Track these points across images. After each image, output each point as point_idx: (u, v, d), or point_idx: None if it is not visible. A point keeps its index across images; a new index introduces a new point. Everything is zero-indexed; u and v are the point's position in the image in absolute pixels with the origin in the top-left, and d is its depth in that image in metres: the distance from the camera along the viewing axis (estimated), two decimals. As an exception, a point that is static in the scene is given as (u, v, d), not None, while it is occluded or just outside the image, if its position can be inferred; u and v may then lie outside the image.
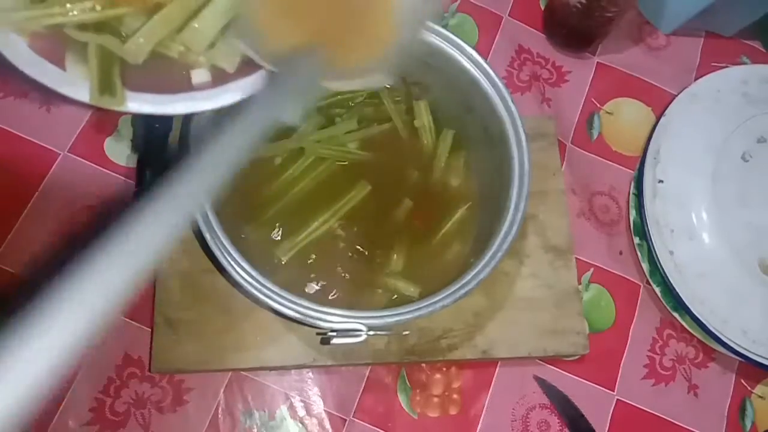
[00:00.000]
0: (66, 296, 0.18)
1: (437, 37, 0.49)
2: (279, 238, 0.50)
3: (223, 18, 0.38)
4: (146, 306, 0.50)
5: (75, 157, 0.53)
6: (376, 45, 0.35)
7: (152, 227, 0.22)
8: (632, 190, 0.58)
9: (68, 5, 0.37)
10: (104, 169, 0.53)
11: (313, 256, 0.50)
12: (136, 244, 0.21)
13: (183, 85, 0.39)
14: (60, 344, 0.17)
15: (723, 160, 0.54)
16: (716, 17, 0.62)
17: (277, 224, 0.51)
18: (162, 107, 0.38)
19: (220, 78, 0.39)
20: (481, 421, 0.51)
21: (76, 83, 0.37)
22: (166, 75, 0.39)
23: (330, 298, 0.49)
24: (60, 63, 0.37)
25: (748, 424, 0.55)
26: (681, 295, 0.52)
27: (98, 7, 0.37)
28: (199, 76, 0.39)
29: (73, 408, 0.47)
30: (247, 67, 0.39)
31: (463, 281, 0.44)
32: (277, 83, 0.33)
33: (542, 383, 0.53)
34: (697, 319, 0.52)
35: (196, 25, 0.38)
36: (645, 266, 0.55)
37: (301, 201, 0.52)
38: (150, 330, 0.49)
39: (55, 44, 0.38)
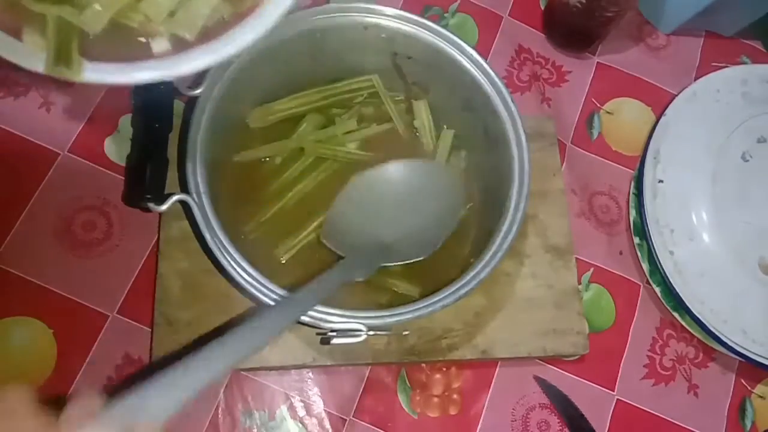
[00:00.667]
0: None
1: (437, 37, 0.49)
2: (279, 237, 0.50)
3: None
4: (146, 306, 0.50)
5: (75, 157, 0.53)
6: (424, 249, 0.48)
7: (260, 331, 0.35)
8: (632, 189, 0.58)
9: None
10: (104, 169, 0.53)
11: (316, 257, 0.50)
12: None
13: (144, 55, 0.38)
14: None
15: (723, 160, 0.54)
16: (716, 17, 0.62)
17: (277, 224, 0.51)
18: (122, 77, 0.37)
19: (181, 46, 0.39)
20: (481, 421, 0.51)
21: (31, 54, 0.36)
22: (126, 45, 0.38)
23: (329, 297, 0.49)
24: (17, 36, 0.36)
25: (748, 424, 0.55)
26: (681, 295, 0.52)
27: None
28: (159, 45, 0.39)
29: (73, 408, 0.47)
30: (209, 34, 0.39)
31: (463, 281, 0.44)
32: (349, 264, 0.44)
33: (542, 383, 0.53)
34: (697, 319, 0.52)
35: None
36: (645, 266, 0.55)
37: (301, 201, 0.52)
38: (150, 330, 0.49)
39: (12, 17, 0.37)
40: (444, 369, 0.52)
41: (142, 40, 0.39)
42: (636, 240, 0.56)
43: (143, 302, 0.50)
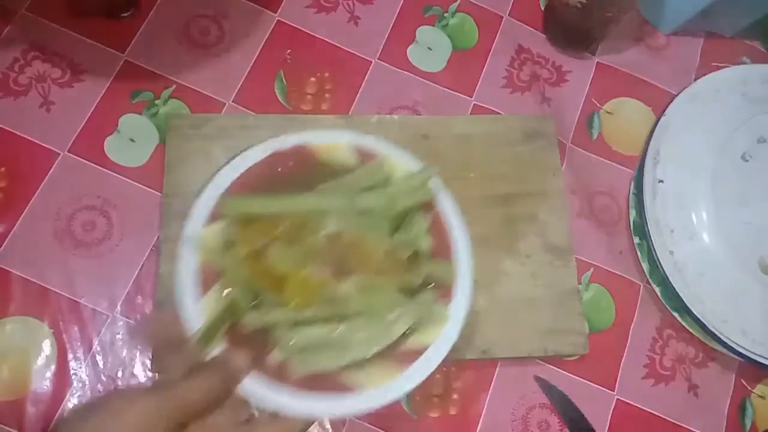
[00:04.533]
0: None
1: None
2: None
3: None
4: (146, 306, 0.50)
5: (75, 157, 0.53)
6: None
7: None
8: (632, 190, 0.58)
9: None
10: (104, 169, 0.53)
11: None
12: None
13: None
14: None
15: (723, 160, 0.54)
16: (716, 17, 0.62)
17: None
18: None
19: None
20: (481, 421, 0.51)
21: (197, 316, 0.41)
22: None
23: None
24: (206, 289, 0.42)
25: (748, 424, 0.55)
26: (681, 295, 0.52)
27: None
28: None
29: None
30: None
31: None
32: None
33: (542, 383, 0.53)
34: (697, 319, 0.52)
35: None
36: (645, 266, 0.55)
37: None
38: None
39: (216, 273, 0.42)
40: (444, 369, 0.52)
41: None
42: (636, 240, 0.56)
43: (143, 302, 0.50)
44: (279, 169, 0.46)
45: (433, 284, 0.46)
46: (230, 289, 0.43)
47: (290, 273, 0.43)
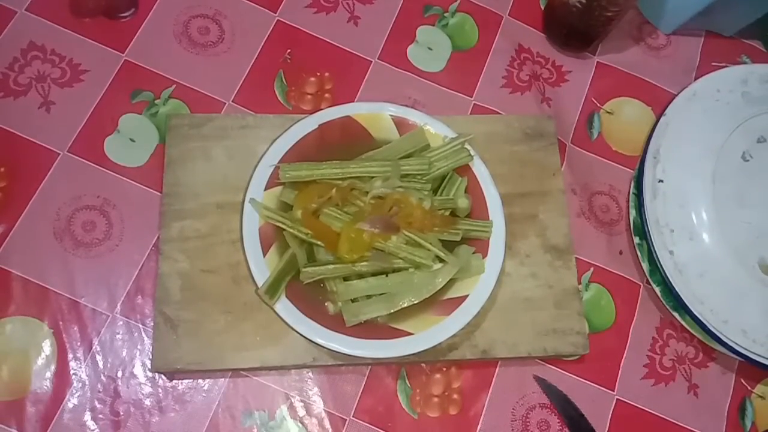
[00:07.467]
0: None
1: None
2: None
3: None
4: (146, 306, 0.50)
5: (75, 157, 0.53)
6: None
7: None
8: (632, 189, 0.58)
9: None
10: (104, 169, 0.53)
11: None
12: None
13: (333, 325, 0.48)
14: None
15: (723, 159, 0.54)
16: (716, 17, 0.62)
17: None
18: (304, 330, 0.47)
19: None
20: (481, 421, 0.51)
21: (261, 269, 0.47)
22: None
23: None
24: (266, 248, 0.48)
25: (748, 424, 0.55)
26: (681, 295, 0.52)
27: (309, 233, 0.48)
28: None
29: (73, 409, 0.47)
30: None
31: None
32: None
33: (542, 383, 0.53)
34: (697, 319, 0.52)
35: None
36: (645, 266, 0.55)
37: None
38: (150, 330, 0.49)
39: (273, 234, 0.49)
40: (444, 369, 0.52)
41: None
42: (636, 240, 0.56)
43: (143, 302, 0.50)
44: (327, 139, 0.51)
45: (470, 240, 0.51)
46: (290, 246, 0.48)
47: (342, 231, 0.48)
